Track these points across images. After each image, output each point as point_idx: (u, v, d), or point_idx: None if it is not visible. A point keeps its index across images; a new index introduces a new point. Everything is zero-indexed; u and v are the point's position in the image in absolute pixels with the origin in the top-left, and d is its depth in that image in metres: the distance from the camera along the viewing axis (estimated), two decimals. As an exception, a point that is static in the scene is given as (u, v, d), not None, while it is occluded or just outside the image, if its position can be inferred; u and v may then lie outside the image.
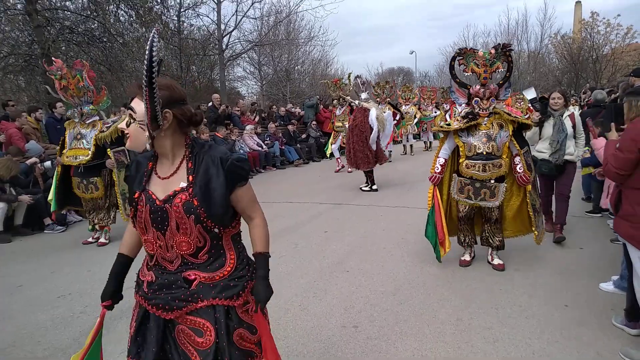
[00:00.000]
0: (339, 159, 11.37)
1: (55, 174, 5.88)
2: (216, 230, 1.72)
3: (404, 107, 14.24)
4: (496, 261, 4.50)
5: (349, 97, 9.75)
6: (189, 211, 1.66)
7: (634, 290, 2.97)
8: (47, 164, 7.38)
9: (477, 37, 32.45)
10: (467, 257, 4.60)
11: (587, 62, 26.66)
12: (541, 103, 5.40)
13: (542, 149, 5.21)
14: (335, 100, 11.17)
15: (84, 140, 5.54)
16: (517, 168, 4.21)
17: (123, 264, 1.93)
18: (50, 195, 5.86)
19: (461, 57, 4.20)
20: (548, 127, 5.14)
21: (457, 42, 32.87)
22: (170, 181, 1.73)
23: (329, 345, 3.16)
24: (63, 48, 13.34)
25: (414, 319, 3.52)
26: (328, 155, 12.11)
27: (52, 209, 5.94)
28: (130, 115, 1.71)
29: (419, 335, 3.27)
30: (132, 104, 1.69)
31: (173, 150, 1.74)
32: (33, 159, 7.07)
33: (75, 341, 3.35)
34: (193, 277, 1.73)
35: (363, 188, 8.75)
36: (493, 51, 4.09)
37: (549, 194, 5.46)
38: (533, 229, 4.41)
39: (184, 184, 1.70)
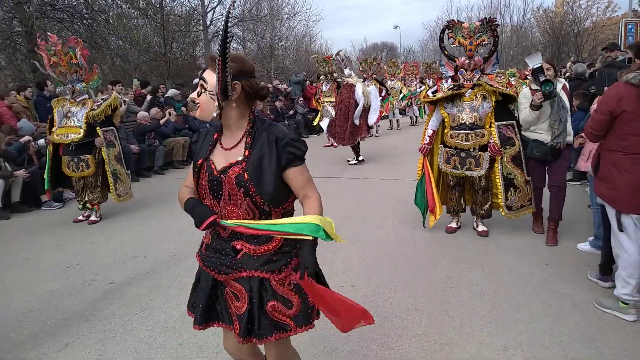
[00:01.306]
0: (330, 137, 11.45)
1: (47, 152, 5.92)
2: (265, 208, 1.77)
3: (389, 82, 14.42)
4: (480, 228, 4.77)
5: (335, 74, 9.91)
6: (239, 184, 1.73)
7: (610, 246, 3.26)
8: (41, 141, 7.41)
9: (461, 12, 32.55)
10: (453, 225, 4.88)
11: (569, 36, 26.99)
12: (545, 80, 4.11)
13: (539, 130, 4.41)
14: (323, 77, 11.24)
15: (74, 119, 5.57)
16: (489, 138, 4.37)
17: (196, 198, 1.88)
18: (45, 174, 5.94)
19: (450, 30, 4.42)
20: (545, 105, 4.26)
21: (440, 17, 32.99)
22: (230, 153, 1.80)
23: (330, 303, 3.42)
24: (47, 25, 13.10)
25: (406, 278, 3.80)
26: (315, 123, 12.05)
27: (45, 187, 6.03)
28: (202, 86, 1.77)
29: (412, 292, 3.55)
30: (205, 75, 1.76)
31: (238, 122, 1.80)
32: (26, 137, 7.11)
33: (91, 305, 3.56)
34: (240, 247, 1.80)
35: (350, 162, 8.99)
36: (478, 24, 4.33)
37: (541, 184, 4.66)
38: (500, 202, 4.51)
39: (240, 157, 1.76)
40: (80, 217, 6.07)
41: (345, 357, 2.78)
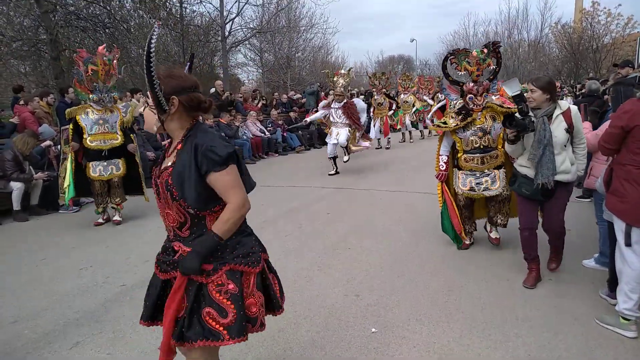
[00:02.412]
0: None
1: (70, 160, 5.97)
2: (191, 210, 1.87)
3: (402, 95, 14.48)
4: (494, 234, 4.71)
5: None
6: (167, 188, 1.87)
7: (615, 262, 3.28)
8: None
9: (478, 26, 32.94)
10: (466, 242, 4.86)
11: (587, 52, 26.86)
12: (523, 105, 3.52)
13: (523, 163, 3.78)
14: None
15: (107, 125, 5.87)
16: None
17: None
18: (67, 182, 5.95)
19: (453, 57, 4.47)
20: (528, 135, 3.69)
21: (457, 31, 33.19)
22: (169, 159, 1.94)
23: (333, 311, 3.50)
24: (70, 33, 13.52)
25: (409, 288, 3.86)
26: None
27: (68, 196, 5.97)
28: (146, 101, 1.96)
29: (414, 302, 3.61)
30: (149, 92, 1.90)
31: (178, 132, 1.92)
32: (47, 142, 7.35)
33: (103, 306, 3.69)
34: (177, 248, 1.94)
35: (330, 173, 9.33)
36: (485, 50, 4.35)
37: (531, 224, 3.86)
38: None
39: (170, 162, 1.90)
40: (100, 220, 6.25)
41: (345, 364, 2.85)
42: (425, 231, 4.97)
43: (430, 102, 14.25)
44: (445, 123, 4.52)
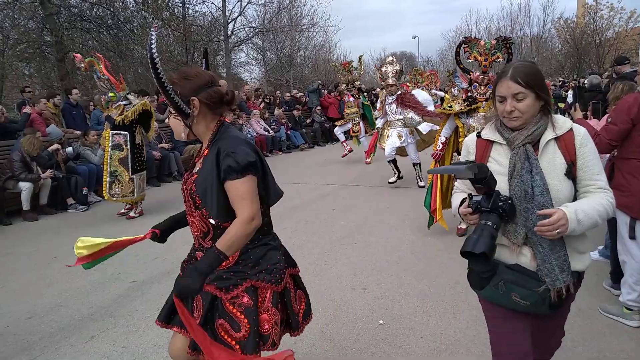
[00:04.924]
0: (344, 143, 10.73)
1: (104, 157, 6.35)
2: (212, 221, 1.76)
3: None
4: (464, 224, 4.90)
5: (358, 82, 9.65)
6: (190, 196, 1.79)
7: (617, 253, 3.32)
8: (69, 149, 7.76)
9: (480, 22, 32.75)
10: (462, 226, 5.00)
11: (590, 47, 26.78)
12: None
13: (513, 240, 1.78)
14: (344, 85, 10.53)
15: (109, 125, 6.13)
16: None
17: (182, 216, 2.03)
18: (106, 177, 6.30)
19: (466, 45, 4.62)
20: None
21: (459, 27, 33.05)
22: (197, 164, 1.85)
23: (341, 304, 3.57)
24: (75, 36, 13.64)
25: (416, 282, 3.92)
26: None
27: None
28: (170, 110, 1.82)
29: (421, 295, 3.67)
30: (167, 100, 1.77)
31: (206, 134, 1.81)
32: (55, 146, 7.40)
33: (115, 302, 3.77)
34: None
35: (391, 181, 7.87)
36: (494, 42, 4.50)
37: (521, 349, 1.84)
38: None
39: (196, 169, 1.82)
40: (123, 210, 6.64)
41: (355, 355, 2.91)
42: (432, 227, 5.03)
43: (441, 94, 14.08)
44: (450, 107, 4.74)
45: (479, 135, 1.89)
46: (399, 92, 7.38)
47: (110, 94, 6.04)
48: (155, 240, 2.04)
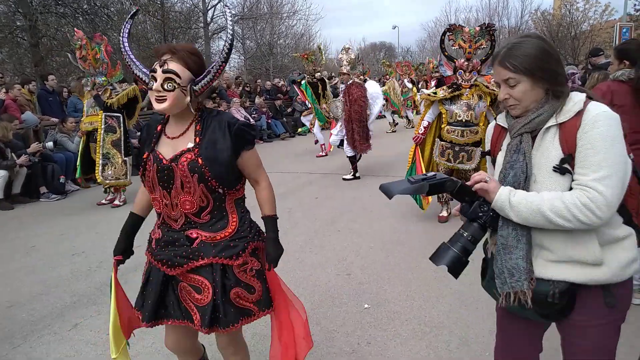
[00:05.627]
0: (322, 146, 10.17)
1: (80, 142, 6.50)
2: (220, 190, 1.81)
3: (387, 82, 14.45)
4: (444, 213, 5.08)
5: (319, 73, 9.02)
6: (193, 170, 1.75)
7: None
8: (49, 144, 7.57)
9: (459, 13, 32.85)
10: (444, 213, 5.10)
11: (565, 39, 27.23)
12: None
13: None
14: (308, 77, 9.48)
15: (97, 108, 6.07)
16: None
17: (134, 222, 2.03)
18: (78, 162, 6.46)
19: (451, 33, 4.69)
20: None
21: (439, 18, 33.31)
22: (178, 141, 1.81)
23: (326, 289, 3.60)
24: (50, 20, 13.22)
25: (399, 267, 3.98)
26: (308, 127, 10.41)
27: (77, 175, 6.61)
28: (173, 80, 1.72)
29: (405, 280, 3.73)
30: (175, 69, 1.72)
31: (186, 112, 1.81)
32: (35, 147, 7.12)
33: (98, 290, 3.73)
34: (195, 235, 1.83)
35: (345, 177, 7.64)
36: (478, 29, 4.58)
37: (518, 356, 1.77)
38: None
39: (191, 144, 1.79)
40: (103, 201, 6.51)
41: (341, 338, 2.95)
42: (414, 214, 5.11)
43: (409, 85, 14.17)
44: (435, 94, 4.84)
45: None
46: (350, 81, 7.37)
47: (102, 79, 5.98)
48: (125, 260, 2.07)
